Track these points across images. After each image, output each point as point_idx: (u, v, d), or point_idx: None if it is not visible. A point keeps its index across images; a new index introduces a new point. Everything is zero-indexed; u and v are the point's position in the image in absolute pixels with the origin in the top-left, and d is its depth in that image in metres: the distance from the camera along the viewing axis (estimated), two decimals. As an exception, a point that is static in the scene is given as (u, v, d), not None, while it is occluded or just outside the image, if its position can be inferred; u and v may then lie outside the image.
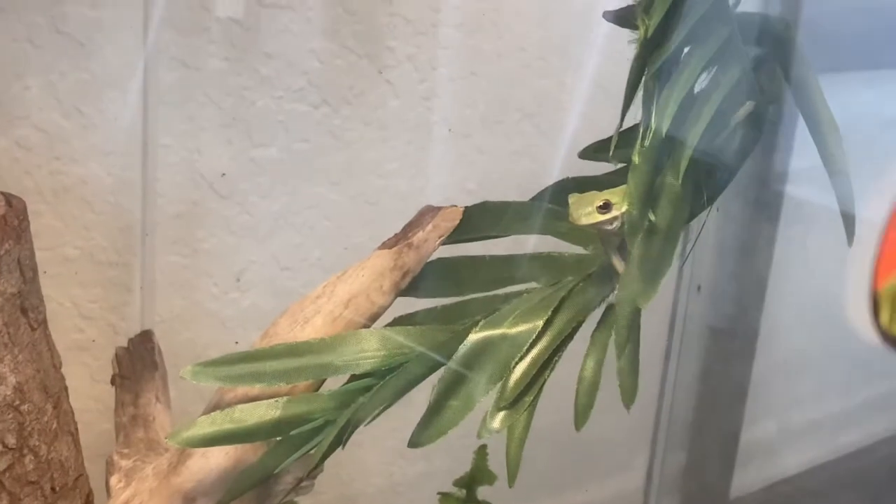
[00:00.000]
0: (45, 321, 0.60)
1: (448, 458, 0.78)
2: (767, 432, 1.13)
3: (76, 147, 0.72)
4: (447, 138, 0.82)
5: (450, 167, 0.81)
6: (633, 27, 0.47)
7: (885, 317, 0.51)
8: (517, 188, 0.59)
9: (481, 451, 0.73)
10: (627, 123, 0.51)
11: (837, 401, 1.21)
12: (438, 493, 0.76)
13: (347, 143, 0.80)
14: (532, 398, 0.49)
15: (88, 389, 0.69)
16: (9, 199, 0.58)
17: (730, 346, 1.05)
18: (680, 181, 0.47)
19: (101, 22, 0.70)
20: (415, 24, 0.78)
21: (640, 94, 0.47)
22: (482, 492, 0.77)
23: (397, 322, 0.55)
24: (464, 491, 0.75)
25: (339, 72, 0.77)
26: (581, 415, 0.51)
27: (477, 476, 0.70)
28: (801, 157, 0.92)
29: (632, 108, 0.49)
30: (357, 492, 0.89)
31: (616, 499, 1.05)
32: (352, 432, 0.53)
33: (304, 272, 0.75)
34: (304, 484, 0.59)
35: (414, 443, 0.50)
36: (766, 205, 0.97)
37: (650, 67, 0.45)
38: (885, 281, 0.51)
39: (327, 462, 0.55)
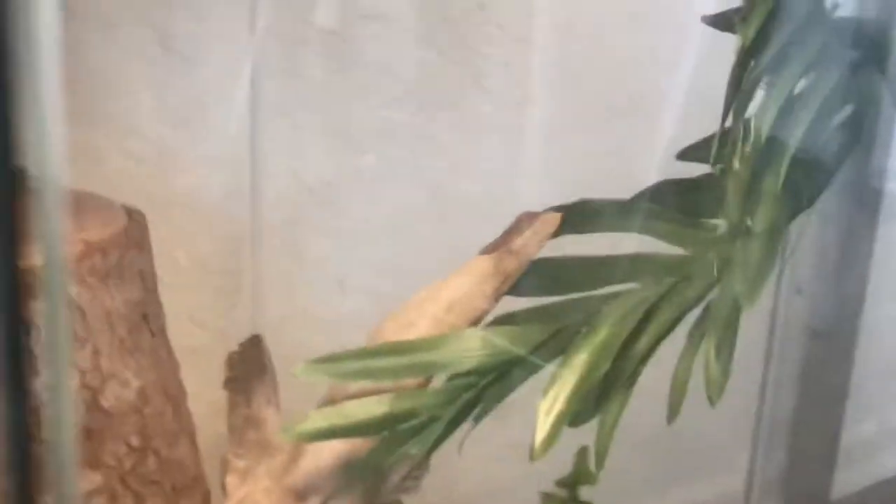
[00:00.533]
0: (164, 328, 0.64)
1: (548, 459, 0.79)
2: (868, 433, 1.12)
3: (185, 158, 0.75)
4: (542, 142, 0.83)
5: (546, 171, 0.82)
6: (732, 31, 0.47)
7: None
8: (613, 191, 0.60)
9: (582, 452, 0.74)
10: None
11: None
12: (541, 493, 0.77)
13: (445, 149, 0.81)
14: (622, 396, 0.50)
15: (202, 393, 0.71)
16: (130, 211, 0.61)
17: (830, 347, 1.05)
18: (780, 185, 0.48)
19: (206, 35, 0.73)
20: (509, 31, 0.80)
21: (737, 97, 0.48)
22: (584, 492, 0.78)
23: (498, 322, 0.56)
24: (566, 491, 0.77)
25: (436, 79, 0.79)
26: (673, 410, 0.53)
27: (579, 476, 0.70)
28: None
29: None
30: (460, 494, 0.90)
31: (718, 499, 1.04)
32: (455, 429, 0.54)
33: (404, 277, 0.76)
34: (409, 483, 0.60)
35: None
36: (866, 204, 0.96)
37: (750, 73, 0.46)
38: None
39: (432, 465, 0.58)
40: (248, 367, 0.67)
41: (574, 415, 0.52)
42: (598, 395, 0.53)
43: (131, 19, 0.72)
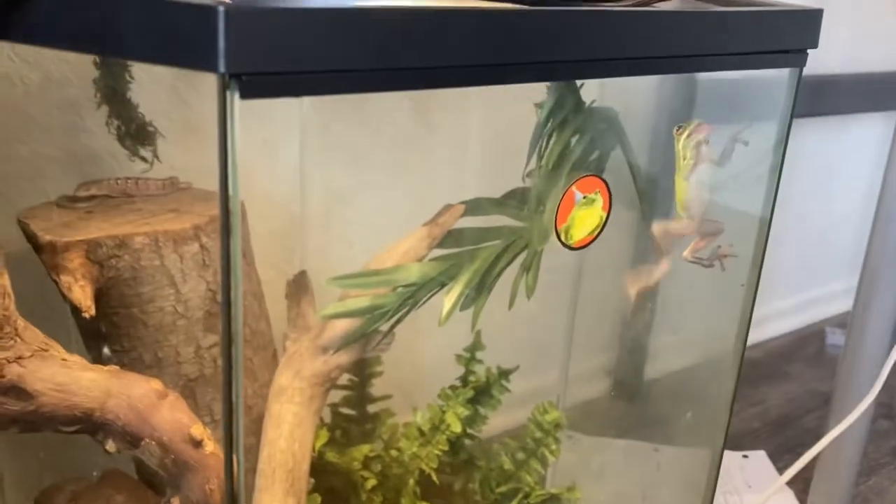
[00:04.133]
0: (253, 262, 0.84)
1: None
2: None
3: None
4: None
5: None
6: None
7: None
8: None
9: (477, 334, 0.99)
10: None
11: None
12: (455, 355, 0.96)
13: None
14: (485, 295, 0.83)
15: (277, 304, 0.86)
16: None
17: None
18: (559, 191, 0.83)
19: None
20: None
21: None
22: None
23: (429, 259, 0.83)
24: (468, 353, 0.98)
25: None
26: (511, 302, 0.85)
27: (475, 345, 0.96)
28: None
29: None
30: (413, 360, 1.15)
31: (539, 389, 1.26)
32: (402, 315, 0.82)
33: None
34: (383, 344, 0.85)
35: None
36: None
37: (543, 133, 0.81)
38: None
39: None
40: (299, 287, 0.83)
41: (461, 304, 0.82)
42: (474, 294, 0.82)
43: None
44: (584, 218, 0.80)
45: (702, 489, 0.82)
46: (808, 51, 0.84)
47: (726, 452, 1.47)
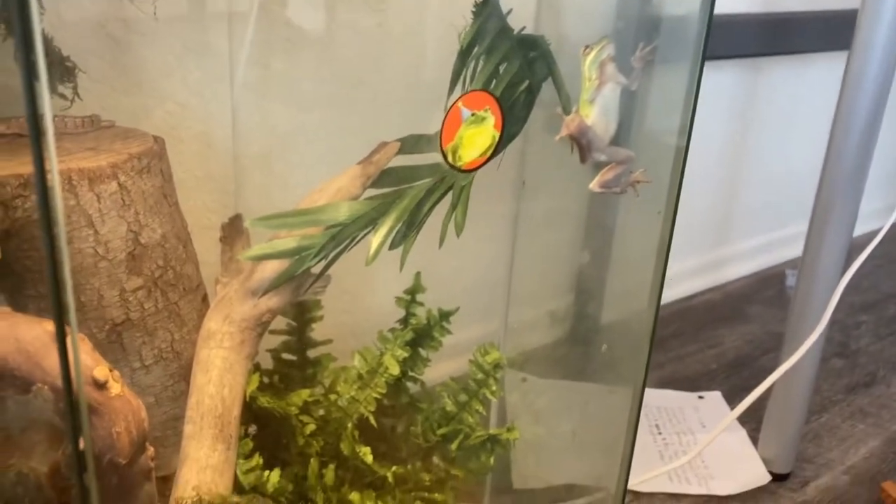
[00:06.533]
0: (177, 203, 0.81)
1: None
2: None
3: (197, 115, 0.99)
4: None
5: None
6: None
7: None
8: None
9: (417, 276, 0.93)
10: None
11: None
12: (395, 297, 0.93)
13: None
14: (413, 234, 0.79)
15: (211, 244, 0.86)
16: (155, 137, 0.80)
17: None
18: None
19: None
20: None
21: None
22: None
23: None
24: (408, 296, 0.93)
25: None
26: (441, 240, 0.79)
27: (415, 288, 0.91)
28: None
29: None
30: (361, 304, 1.14)
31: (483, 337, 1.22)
32: (335, 256, 0.79)
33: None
34: (317, 288, 0.84)
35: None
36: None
37: (465, 63, 0.75)
38: None
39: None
40: (233, 230, 0.85)
41: (391, 243, 0.79)
42: (403, 233, 0.79)
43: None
44: (474, 137, 0.76)
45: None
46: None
47: (683, 393, 1.46)
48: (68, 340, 0.48)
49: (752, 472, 1.28)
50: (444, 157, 0.75)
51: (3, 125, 0.76)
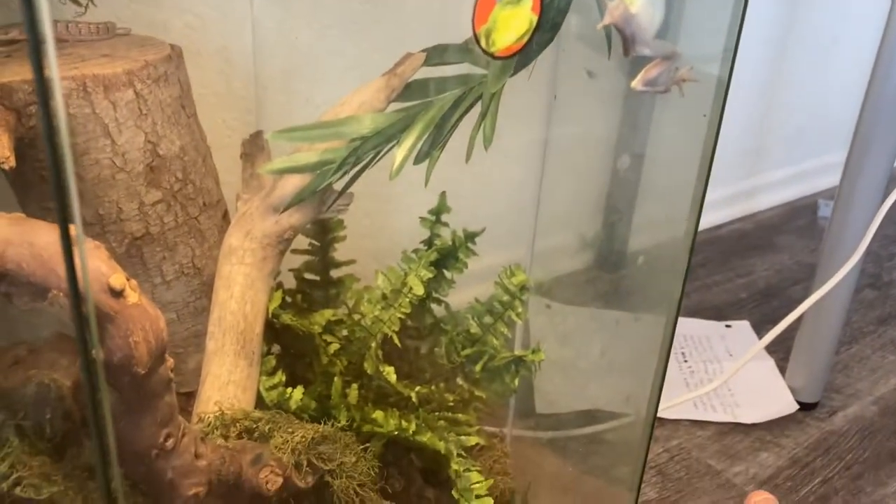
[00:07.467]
0: (195, 115, 0.79)
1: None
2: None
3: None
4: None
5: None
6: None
7: None
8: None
9: (442, 195, 0.89)
10: None
11: None
12: (420, 218, 0.89)
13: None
14: (440, 149, 0.75)
15: (232, 163, 0.85)
16: (172, 46, 0.78)
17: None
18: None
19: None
20: None
21: None
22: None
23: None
24: (434, 216, 0.89)
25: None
26: (468, 154, 0.75)
27: (440, 207, 0.88)
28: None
29: None
30: (380, 220, 1.05)
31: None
32: (358, 172, 0.76)
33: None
34: (340, 206, 0.81)
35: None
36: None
37: None
38: None
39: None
40: (254, 146, 0.83)
41: (415, 158, 0.75)
42: (429, 146, 0.76)
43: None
44: (509, 19, 0.71)
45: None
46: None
47: (710, 322, 1.43)
48: (75, 244, 0.46)
49: (779, 401, 1.26)
50: (477, 40, 0.71)
51: (17, 30, 0.73)
